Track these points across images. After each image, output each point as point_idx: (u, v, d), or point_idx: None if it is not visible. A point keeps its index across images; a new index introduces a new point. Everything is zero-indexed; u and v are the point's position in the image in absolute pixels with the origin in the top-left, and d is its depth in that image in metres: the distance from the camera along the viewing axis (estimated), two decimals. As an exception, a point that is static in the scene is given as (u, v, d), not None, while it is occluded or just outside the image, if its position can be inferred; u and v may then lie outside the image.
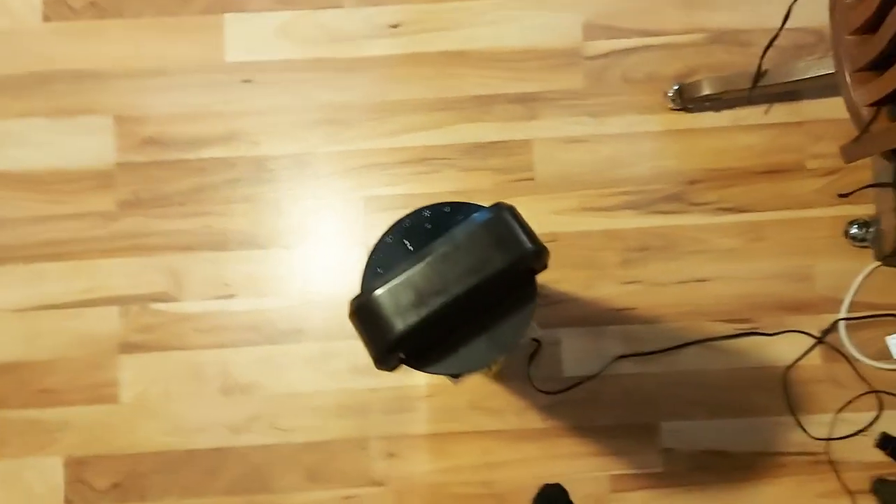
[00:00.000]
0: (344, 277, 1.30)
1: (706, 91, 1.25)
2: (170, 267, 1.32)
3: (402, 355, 0.84)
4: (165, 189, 1.34)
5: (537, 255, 0.83)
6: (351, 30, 1.36)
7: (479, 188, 1.30)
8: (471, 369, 0.85)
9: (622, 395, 1.26)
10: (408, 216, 0.91)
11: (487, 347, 0.85)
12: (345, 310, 1.29)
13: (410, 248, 0.89)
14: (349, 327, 1.28)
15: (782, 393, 1.24)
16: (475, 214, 0.84)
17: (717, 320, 1.27)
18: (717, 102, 1.30)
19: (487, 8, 1.36)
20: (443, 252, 0.81)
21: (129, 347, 1.30)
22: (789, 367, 1.25)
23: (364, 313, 0.82)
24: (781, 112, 1.32)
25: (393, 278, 0.81)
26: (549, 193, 1.30)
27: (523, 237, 0.82)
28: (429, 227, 0.90)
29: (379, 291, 0.81)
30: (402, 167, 1.32)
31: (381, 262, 0.90)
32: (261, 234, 1.32)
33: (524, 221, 0.84)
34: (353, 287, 1.29)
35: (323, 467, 1.26)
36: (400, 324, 0.79)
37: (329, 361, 1.28)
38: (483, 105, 1.33)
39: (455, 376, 0.90)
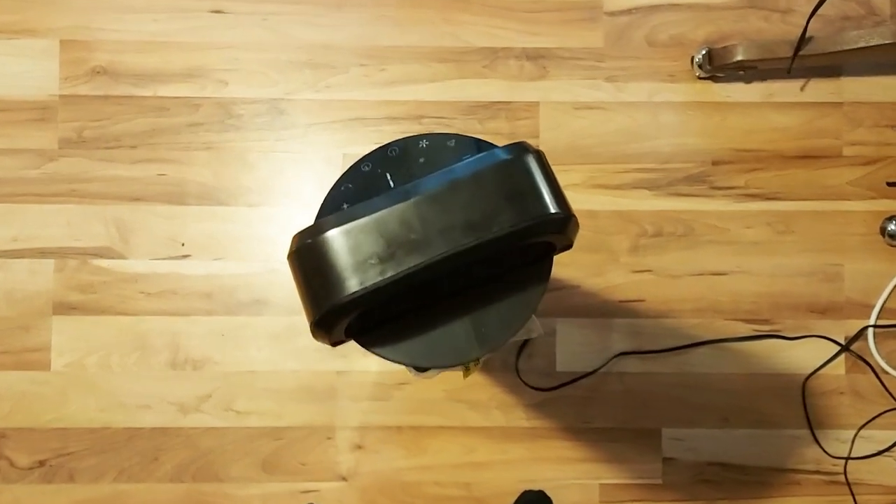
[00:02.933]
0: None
1: (740, 57, 1.10)
2: (116, 218, 1.15)
3: (350, 326, 0.65)
4: (115, 129, 1.16)
5: (562, 225, 0.63)
6: (341, -40, 1.18)
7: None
8: (441, 364, 0.67)
9: (622, 396, 1.12)
10: (397, 142, 0.70)
11: (468, 339, 0.66)
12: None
13: (392, 183, 0.70)
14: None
15: (800, 404, 1.12)
16: (487, 153, 0.64)
17: (733, 319, 1.13)
18: (751, 73, 1.16)
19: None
20: (433, 193, 0.61)
21: (64, 308, 1.13)
22: (809, 376, 1.12)
23: (307, 257, 0.62)
24: (820, 90, 1.17)
25: (357, 217, 0.61)
26: (554, 165, 1.14)
27: (548, 196, 0.62)
28: (422, 161, 0.70)
29: (333, 232, 0.61)
30: (391, 124, 1.15)
31: (351, 195, 0.69)
32: (223, 189, 1.15)
33: (553, 176, 0.65)
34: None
35: (281, 457, 1.11)
36: (354, 282, 0.60)
37: (294, 339, 1.12)
38: (488, 59, 1.17)
39: (419, 369, 0.73)
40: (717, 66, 1.13)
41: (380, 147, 0.71)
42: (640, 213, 1.14)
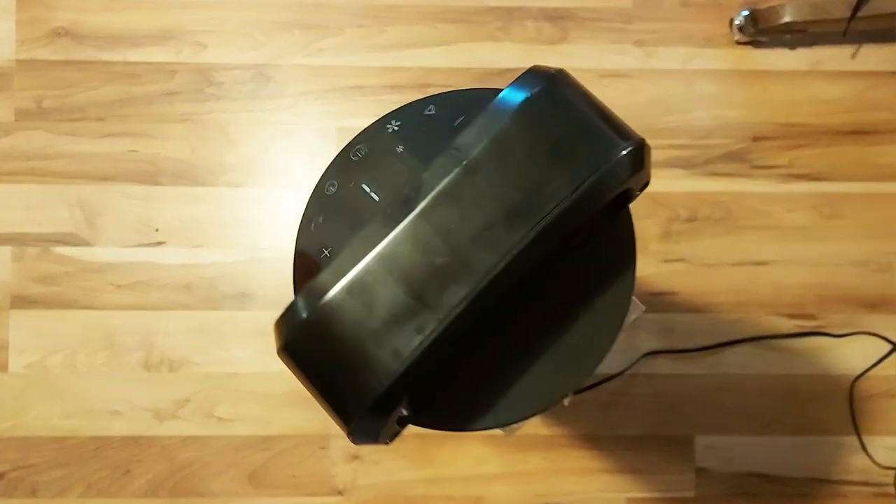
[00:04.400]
0: (309, 229, 1.01)
1: (788, 18, 0.97)
2: (81, 200, 1.01)
3: (403, 412, 0.48)
4: (79, 98, 1.02)
5: (637, 158, 0.45)
6: None
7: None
8: (530, 412, 0.49)
9: (650, 400, 1.00)
10: (393, 114, 0.53)
11: (554, 370, 0.49)
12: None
13: (375, 196, 0.52)
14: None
15: (847, 408, 1.01)
16: (493, 105, 0.45)
17: (775, 314, 1.01)
18: (797, 37, 1.02)
19: None
20: (444, 190, 0.43)
21: (23, 302, 1.00)
22: (858, 377, 1.01)
23: (308, 347, 0.44)
24: (874, 57, 1.05)
25: (353, 261, 0.43)
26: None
27: (604, 127, 0.45)
28: (401, 150, 0.52)
29: (330, 298, 0.43)
30: (392, 93, 1.02)
31: (340, 206, 0.52)
32: (202, 167, 1.01)
33: (593, 97, 0.47)
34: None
35: (269, 469, 0.99)
36: (388, 357, 0.42)
37: (284, 336, 1.00)
38: (502, 19, 1.03)
39: (508, 425, 0.53)
40: (760, 28, 1.00)
41: (372, 124, 0.54)
42: (672, 195, 1.02)
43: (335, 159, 0.53)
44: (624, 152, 0.44)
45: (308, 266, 0.52)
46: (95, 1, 1.03)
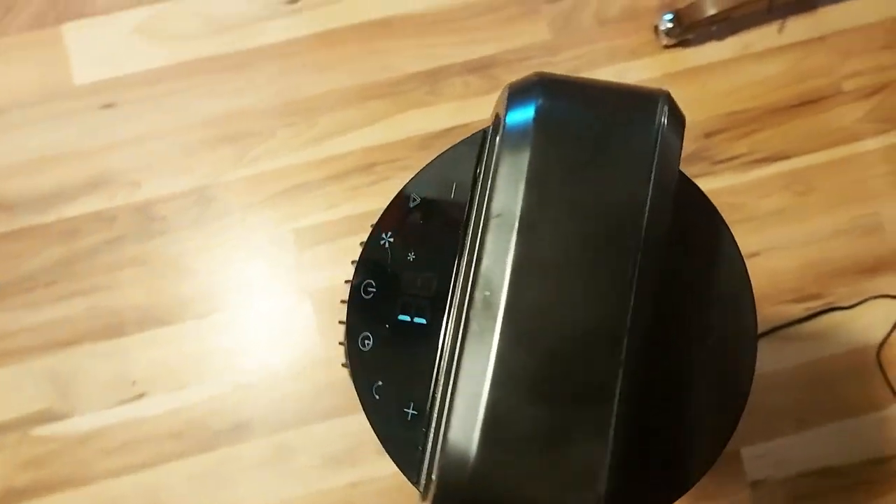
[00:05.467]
0: (284, 340, 0.96)
1: (711, 10, 0.97)
2: (49, 372, 0.96)
3: None
4: (24, 267, 0.98)
5: (672, 106, 0.39)
6: (236, 14, 1.02)
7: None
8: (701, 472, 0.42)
9: (680, 423, 0.95)
10: (377, 226, 0.44)
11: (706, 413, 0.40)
12: (295, 384, 0.95)
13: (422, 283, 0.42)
14: (307, 405, 0.95)
15: (880, 378, 0.96)
16: (507, 131, 0.37)
17: (780, 303, 0.98)
18: (724, 26, 1.02)
19: (409, -43, 1.04)
20: (523, 257, 0.34)
21: (14, 496, 0.94)
22: (881, 344, 0.97)
23: None
24: (799, 27, 1.04)
25: (472, 399, 0.33)
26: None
27: (622, 94, 0.38)
28: (432, 222, 0.43)
29: (477, 457, 0.33)
30: (338, 181, 0.99)
31: (390, 337, 0.41)
32: (164, 306, 0.97)
33: (587, 78, 0.40)
34: (300, 350, 0.96)
35: None
36: (569, 490, 0.33)
37: (288, 458, 0.94)
38: (427, 83, 1.01)
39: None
40: (686, 27, 0.99)
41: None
42: (643, 211, 0.99)
43: (351, 305, 0.42)
44: (662, 104, 0.36)
45: (384, 414, 0.41)
46: (19, 166, 1.00)
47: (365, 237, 0.44)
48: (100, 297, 0.97)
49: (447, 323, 0.40)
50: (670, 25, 0.99)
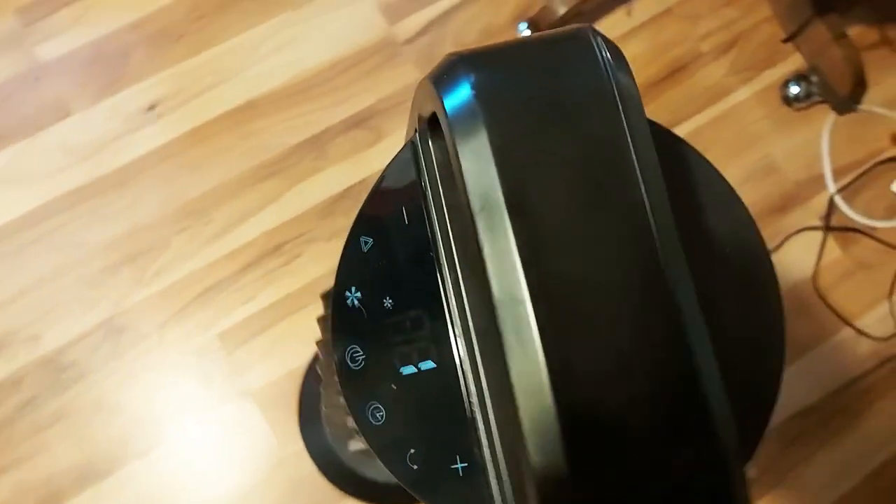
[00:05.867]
0: (239, 452, 0.90)
1: (562, 10, 0.99)
2: (-11, 568, 0.86)
3: None
4: (-68, 464, 0.88)
5: (609, 43, 0.33)
6: (96, 136, 0.98)
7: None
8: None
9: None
10: (338, 283, 0.37)
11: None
12: (266, 493, 0.89)
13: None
14: (283, 512, 0.88)
15: (823, 308, 0.99)
16: (451, 119, 0.31)
17: (711, 264, 0.99)
18: (577, 22, 1.05)
19: (262, 35, 1.03)
20: (528, 236, 0.29)
21: None
22: (814, 275, 0.99)
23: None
24: (644, 8, 1.09)
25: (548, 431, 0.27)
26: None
27: (551, 47, 0.33)
28: (392, 258, 0.37)
29: (573, 470, 0.27)
30: (250, 272, 0.94)
31: (402, 396, 0.35)
32: (100, 455, 0.89)
33: (510, 41, 0.34)
34: (259, 456, 0.89)
35: None
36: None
37: (279, 573, 0.87)
38: (313, 149, 0.99)
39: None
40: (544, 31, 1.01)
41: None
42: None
43: (344, 382, 0.35)
44: (593, 37, 0.32)
45: (431, 481, 0.34)
46: None
47: (298, 317, 0.40)
48: (28, 468, 0.88)
49: (463, 352, 0.34)
50: (528, 34, 1.02)
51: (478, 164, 0.30)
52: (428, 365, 0.34)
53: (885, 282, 1.00)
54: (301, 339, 0.91)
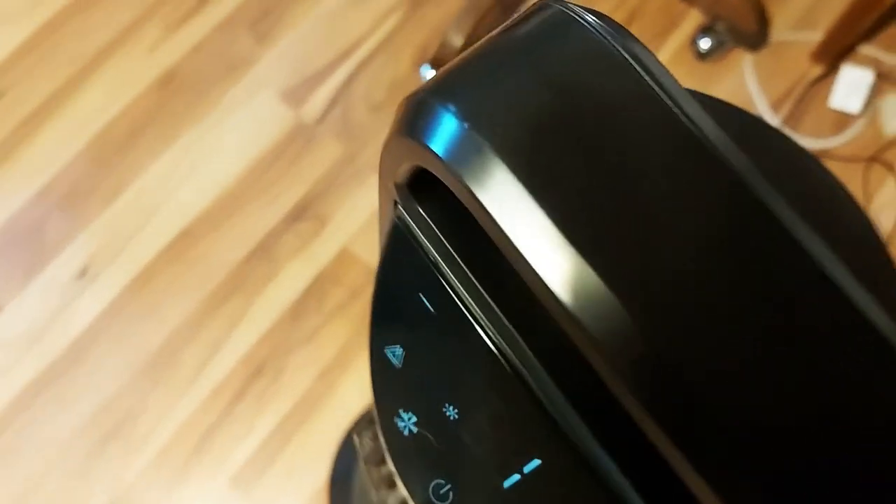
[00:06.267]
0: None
1: (458, 42, 0.98)
2: None
3: None
4: None
5: (602, 17, 0.27)
6: (35, 320, 0.92)
7: (341, 343, 0.91)
8: None
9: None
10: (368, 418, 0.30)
11: None
12: None
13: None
14: None
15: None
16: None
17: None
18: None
19: (173, 161, 0.99)
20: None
21: None
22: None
23: None
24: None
25: None
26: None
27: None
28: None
29: None
30: (239, 404, 0.89)
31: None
32: None
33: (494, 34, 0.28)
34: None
35: None
36: None
37: None
38: (263, 256, 0.95)
39: None
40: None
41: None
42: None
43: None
44: (562, 8, 0.26)
45: None
46: None
47: (303, 434, 0.34)
48: None
49: (582, 434, 0.26)
50: (432, 74, 0.99)
51: (512, 204, 0.22)
52: (534, 464, 0.26)
53: (858, 195, 0.99)
54: (315, 455, 0.86)
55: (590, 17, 0.26)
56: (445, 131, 0.25)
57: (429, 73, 1.00)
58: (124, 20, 1.03)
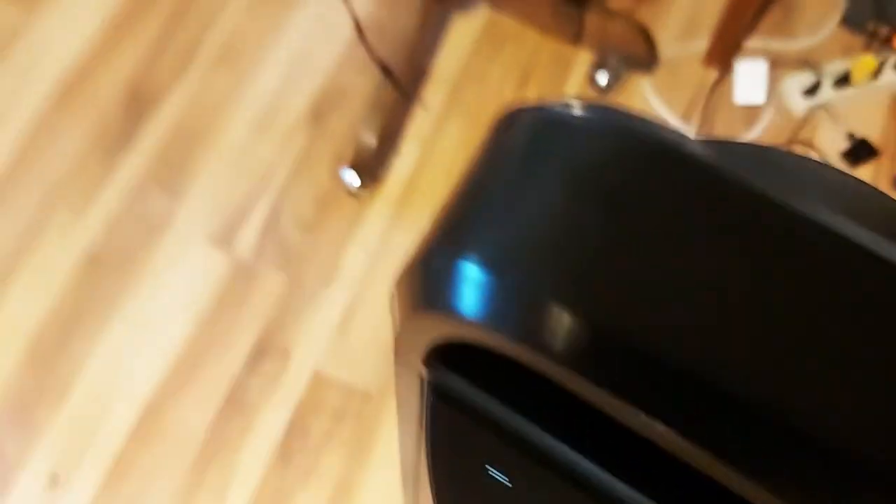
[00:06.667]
0: None
1: (373, 141, 0.98)
2: None
3: None
4: None
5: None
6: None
7: (340, 472, 0.87)
8: None
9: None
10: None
11: None
12: None
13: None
14: None
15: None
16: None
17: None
18: (389, 145, 1.03)
19: (118, 339, 0.95)
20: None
21: None
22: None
23: None
24: (436, 97, 1.09)
25: None
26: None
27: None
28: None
29: None
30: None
31: None
32: None
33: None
34: None
35: None
36: None
37: None
38: (233, 411, 0.91)
39: None
40: (369, 168, 0.99)
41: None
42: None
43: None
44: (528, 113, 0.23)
45: None
46: None
47: None
48: None
49: None
50: (356, 181, 0.99)
51: (595, 373, 0.18)
52: None
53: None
54: None
55: (587, 113, 0.22)
56: (470, 289, 0.20)
57: (350, 176, 0.99)
58: (25, 217, 1.00)
